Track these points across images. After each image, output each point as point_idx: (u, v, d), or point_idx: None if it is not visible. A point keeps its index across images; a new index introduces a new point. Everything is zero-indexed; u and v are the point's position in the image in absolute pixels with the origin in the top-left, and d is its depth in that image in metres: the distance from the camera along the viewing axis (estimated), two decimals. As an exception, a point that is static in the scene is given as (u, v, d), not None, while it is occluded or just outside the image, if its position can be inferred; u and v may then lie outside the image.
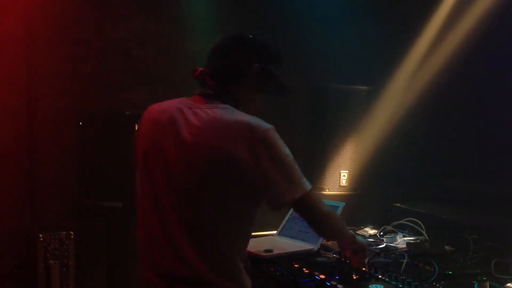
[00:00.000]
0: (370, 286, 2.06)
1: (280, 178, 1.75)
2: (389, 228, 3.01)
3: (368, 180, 3.58)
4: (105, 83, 4.05)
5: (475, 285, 1.92)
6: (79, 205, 3.53)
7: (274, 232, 2.94)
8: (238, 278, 1.82)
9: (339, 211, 2.83)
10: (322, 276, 2.21)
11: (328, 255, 2.57)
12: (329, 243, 2.74)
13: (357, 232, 3.10)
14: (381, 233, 2.99)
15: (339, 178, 3.53)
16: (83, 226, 3.73)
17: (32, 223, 3.76)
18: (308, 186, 1.81)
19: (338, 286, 2.09)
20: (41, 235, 3.43)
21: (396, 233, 2.93)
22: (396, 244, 2.80)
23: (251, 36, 2.00)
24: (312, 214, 1.87)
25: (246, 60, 1.93)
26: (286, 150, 1.80)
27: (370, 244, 2.82)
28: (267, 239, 2.86)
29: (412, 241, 2.79)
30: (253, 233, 2.82)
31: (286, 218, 2.96)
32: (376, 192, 3.67)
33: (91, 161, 3.53)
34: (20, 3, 3.77)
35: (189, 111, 1.84)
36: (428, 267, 2.33)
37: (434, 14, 3.90)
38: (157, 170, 1.84)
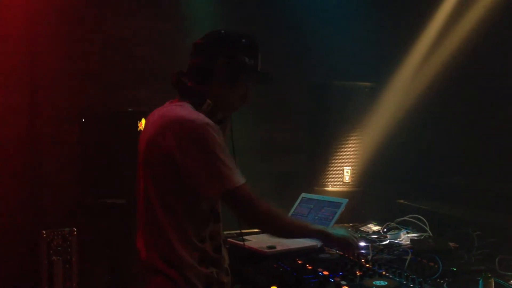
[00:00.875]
0: (373, 282, 2.04)
1: (202, 171, 1.79)
2: (393, 224, 3.00)
3: (371, 177, 3.57)
4: (106, 81, 4.05)
5: (480, 281, 1.89)
6: (82, 203, 3.53)
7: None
8: (182, 270, 1.82)
9: (343, 207, 2.82)
10: (326, 273, 2.20)
11: (331, 252, 2.56)
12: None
13: (361, 228, 3.09)
14: (385, 230, 2.99)
15: (343, 175, 3.52)
16: (85, 223, 3.73)
17: (34, 220, 3.75)
18: (237, 182, 1.81)
19: (342, 282, 2.07)
20: (44, 232, 3.43)
21: (399, 229, 2.92)
22: (400, 240, 2.79)
23: (222, 31, 1.99)
24: (242, 209, 1.88)
25: (213, 55, 1.93)
26: (217, 146, 1.79)
27: (373, 240, 2.82)
28: (270, 236, 2.84)
29: (416, 238, 2.79)
30: (256, 229, 2.80)
31: (289, 214, 2.94)
32: (380, 188, 3.65)
33: (93, 159, 3.53)
34: (20, 2, 3.76)
35: (156, 112, 1.95)
36: (432, 264, 2.31)
37: (438, 10, 3.89)
38: (139, 168, 1.96)
